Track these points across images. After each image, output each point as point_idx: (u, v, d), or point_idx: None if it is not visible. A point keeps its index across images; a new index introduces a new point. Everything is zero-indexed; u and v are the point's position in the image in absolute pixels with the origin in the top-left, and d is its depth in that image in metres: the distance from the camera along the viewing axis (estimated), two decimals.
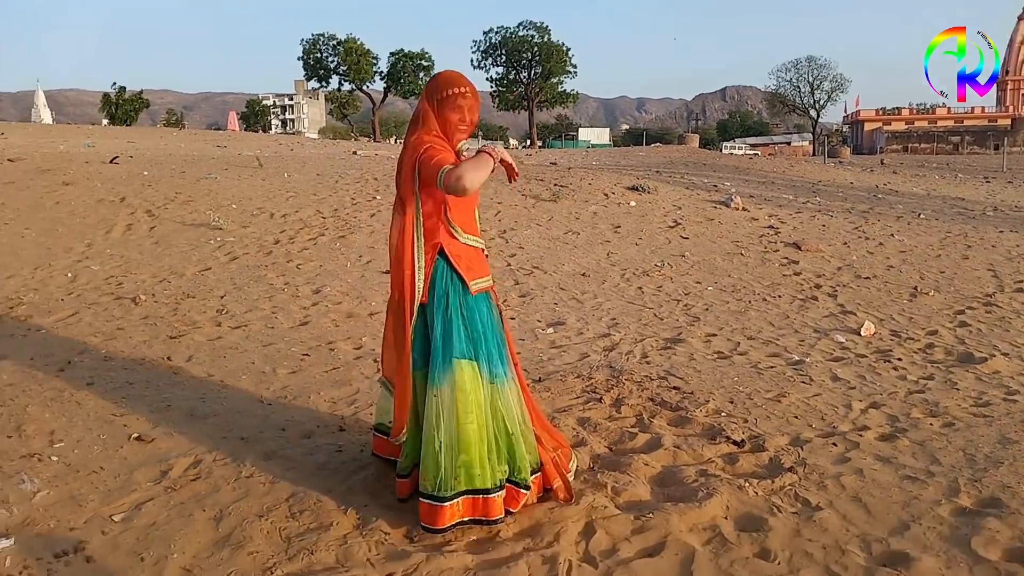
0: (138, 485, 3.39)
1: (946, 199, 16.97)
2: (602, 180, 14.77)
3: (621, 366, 5.30)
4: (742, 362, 5.52)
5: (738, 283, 8.41)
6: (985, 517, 3.09)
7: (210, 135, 41.52)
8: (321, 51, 69.63)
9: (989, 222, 13.22)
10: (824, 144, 53.80)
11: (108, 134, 33.56)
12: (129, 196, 11.17)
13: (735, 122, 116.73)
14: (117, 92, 73.67)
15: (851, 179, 20.91)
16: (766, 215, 12.76)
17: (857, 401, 4.62)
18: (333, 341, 5.90)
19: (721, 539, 2.95)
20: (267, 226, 10.18)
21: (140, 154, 18.00)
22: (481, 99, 3.16)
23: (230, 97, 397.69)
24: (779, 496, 3.31)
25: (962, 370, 5.38)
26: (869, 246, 10.65)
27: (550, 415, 4.25)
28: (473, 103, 3.06)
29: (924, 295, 7.91)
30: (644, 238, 10.73)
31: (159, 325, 6.17)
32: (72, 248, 8.84)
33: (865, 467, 3.60)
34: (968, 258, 10.01)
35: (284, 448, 3.78)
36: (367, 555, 2.86)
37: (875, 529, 3.03)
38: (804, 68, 79.02)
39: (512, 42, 71.15)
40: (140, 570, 2.78)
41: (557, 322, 6.69)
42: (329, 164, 17.11)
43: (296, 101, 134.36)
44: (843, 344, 6.07)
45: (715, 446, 3.87)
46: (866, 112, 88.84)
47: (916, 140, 77.77)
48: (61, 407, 4.21)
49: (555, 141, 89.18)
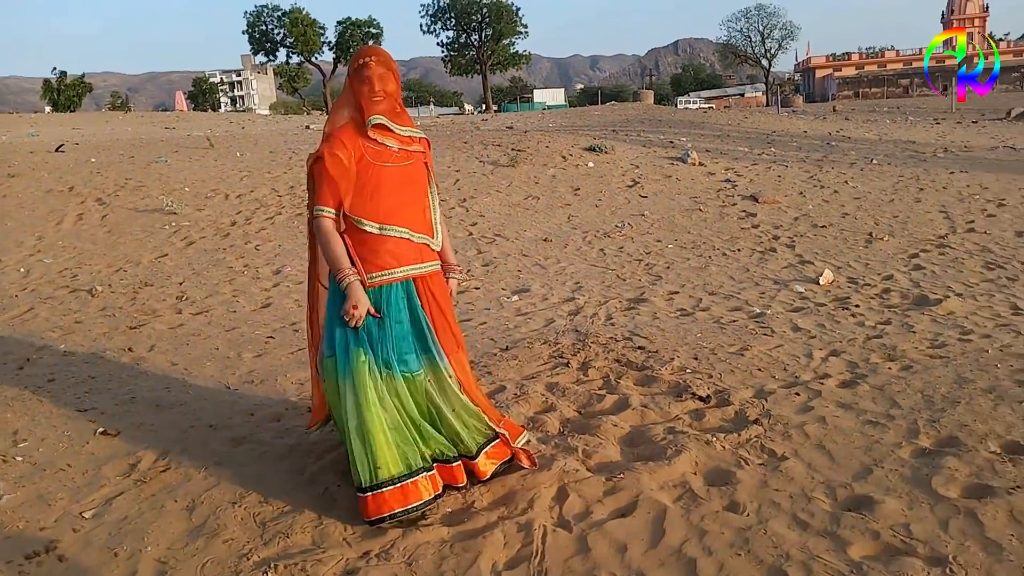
0: (107, 480, 3.36)
1: (897, 143, 17.21)
2: (559, 142, 14.74)
3: (587, 329, 5.34)
4: (704, 318, 5.59)
5: (698, 239, 8.48)
6: (944, 456, 3.19)
7: (158, 117, 40.59)
8: (266, 23, 68.03)
9: (940, 164, 13.45)
10: (777, 94, 54.09)
11: (52, 121, 32.62)
12: (78, 185, 10.91)
13: (688, 76, 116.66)
14: (58, 78, 71.45)
15: (804, 128, 21.10)
16: (723, 169, 12.85)
17: (818, 350, 4.71)
18: (297, 322, 5.85)
19: (691, 495, 3.01)
20: (222, 208, 10.03)
21: (86, 141, 17.56)
22: (433, 64, 3.10)
23: (176, 76, 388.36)
24: (746, 449, 3.38)
25: (918, 313, 5.51)
26: (824, 195, 10.79)
27: (518, 382, 4.28)
28: (383, 72, 2.97)
29: (879, 240, 8.05)
30: (604, 199, 10.75)
31: (118, 316, 6.07)
32: (23, 242, 8.64)
33: (827, 415, 3.69)
34: (920, 201, 10.19)
35: (254, 433, 3.76)
36: (343, 535, 2.88)
37: (839, 475, 3.11)
38: (754, 17, 79.04)
39: (460, 4, 70.12)
40: (114, 565, 2.76)
41: (522, 289, 6.70)
42: (282, 140, 16.85)
43: (244, 77, 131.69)
44: (802, 294, 6.17)
45: (681, 403, 3.93)
46: (816, 59, 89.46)
47: (867, 85, 78.55)
48: (23, 406, 4.14)
49: (510, 104, 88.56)
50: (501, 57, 72.63)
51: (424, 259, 3.10)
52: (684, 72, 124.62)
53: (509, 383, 4.28)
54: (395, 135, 3.03)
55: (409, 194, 3.07)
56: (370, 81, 2.95)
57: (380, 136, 3.00)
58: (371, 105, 2.96)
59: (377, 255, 2.99)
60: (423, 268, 3.09)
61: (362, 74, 2.97)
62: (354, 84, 2.99)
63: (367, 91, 2.96)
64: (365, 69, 2.96)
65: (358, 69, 2.98)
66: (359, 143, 2.98)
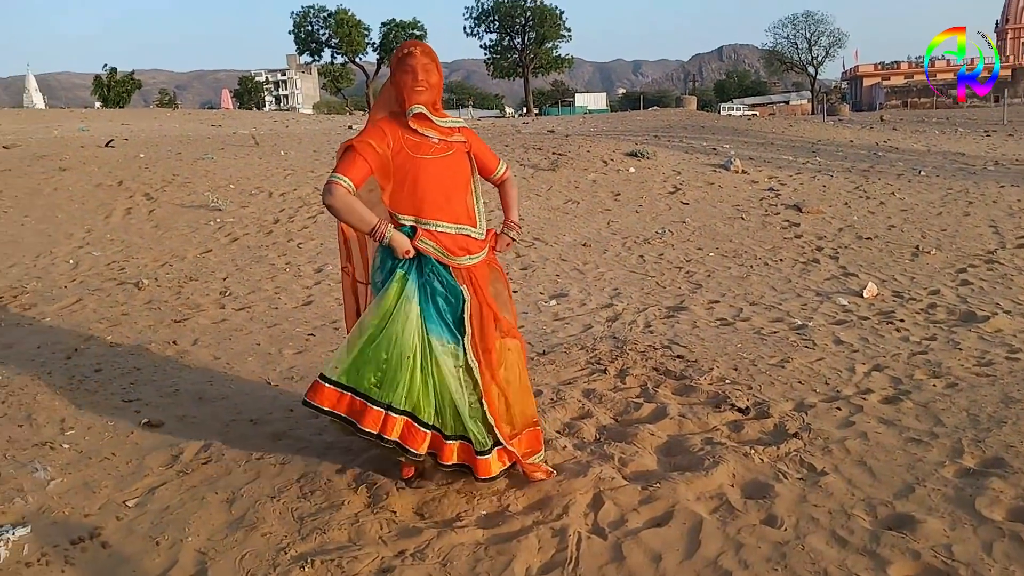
0: (150, 470, 3.43)
1: (946, 155, 16.89)
2: (600, 147, 14.70)
3: (625, 336, 5.32)
4: (745, 328, 5.54)
5: (739, 248, 8.41)
6: (989, 477, 3.13)
7: (204, 114, 41.29)
8: (312, 24, 68.97)
9: (990, 177, 13.17)
10: (823, 102, 53.38)
11: (102, 117, 33.37)
12: (127, 180, 11.14)
13: (732, 82, 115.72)
14: (109, 74, 72.99)
15: (851, 137, 20.79)
16: (766, 177, 12.72)
17: (860, 364, 4.64)
18: (337, 320, 5.91)
19: (728, 507, 2.99)
20: (266, 205, 10.17)
21: (135, 136, 17.94)
22: (476, 67, 3.12)
23: (222, 74, 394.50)
24: (784, 462, 3.34)
25: (965, 329, 5.40)
26: (870, 206, 10.63)
27: (555, 387, 4.28)
28: (426, 62, 2.97)
29: (926, 254, 7.91)
30: (644, 205, 10.71)
31: (163, 309, 6.19)
32: (72, 234, 8.84)
33: (869, 430, 3.63)
34: (969, 215, 9.99)
35: (293, 429, 3.81)
36: (379, 533, 2.90)
37: (880, 492, 3.07)
38: (801, 24, 78.17)
39: (504, 7, 70.36)
40: (155, 554, 2.82)
41: (560, 294, 6.70)
42: (325, 140, 17.04)
43: (289, 76, 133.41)
44: (846, 307, 6.08)
45: (720, 414, 3.90)
46: (864, 67, 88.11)
47: (916, 94, 77.11)
48: (70, 394, 4.24)
49: (552, 108, 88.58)
50: (544, 60, 72.71)
51: (469, 250, 3.07)
52: (728, 78, 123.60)
53: (546, 388, 4.28)
54: (436, 126, 3.02)
55: (450, 186, 3.06)
56: (413, 71, 2.95)
57: (420, 127, 3.00)
58: (413, 95, 2.96)
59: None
60: (463, 260, 3.06)
61: (405, 64, 2.97)
62: (396, 74, 3.00)
63: (410, 80, 2.96)
64: (409, 59, 2.97)
65: (401, 59, 2.99)
66: (399, 133, 2.98)
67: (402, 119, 3.00)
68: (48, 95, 71.93)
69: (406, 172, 2.97)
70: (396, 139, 2.97)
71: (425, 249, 2.98)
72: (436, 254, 3.00)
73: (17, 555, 2.78)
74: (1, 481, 3.28)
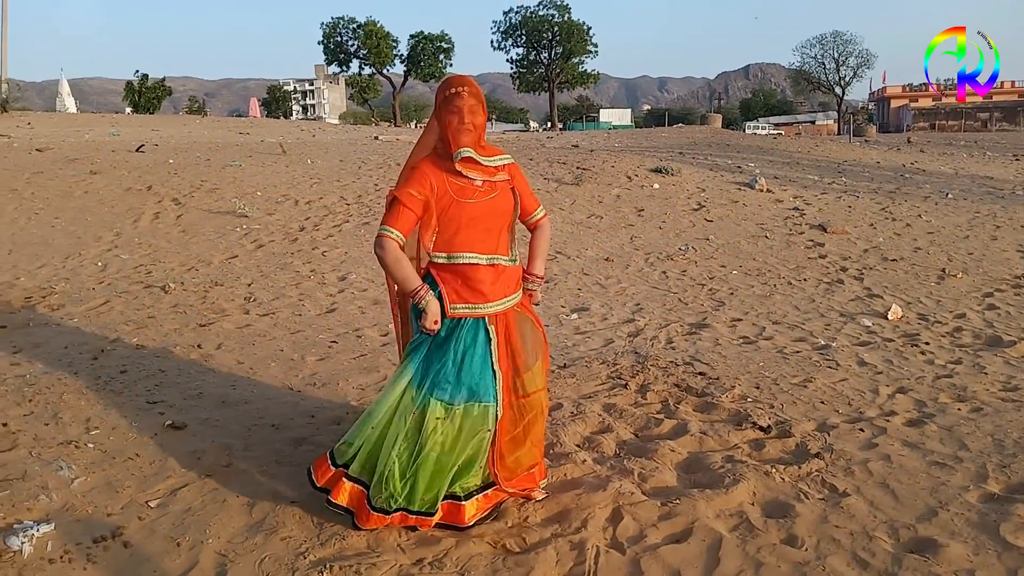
0: (173, 471, 3.46)
1: (974, 178, 16.73)
2: (624, 162, 14.71)
3: (646, 352, 5.31)
4: (768, 347, 5.51)
5: (763, 266, 8.37)
6: (1014, 503, 3.09)
7: (232, 122, 41.74)
8: (341, 35, 69.58)
9: (1019, 201, 13.03)
10: (850, 122, 53.07)
11: (132, 122, 33.83)
12: (156, 184, 11.29)
13: (758, 101, 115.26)
14: (140, 80, 74.02)
15: (877, 158, 20.65)
16: (791, 196, 12.66)
17: (884, 386, 4.60)
18: (360, 328, 5.95)
19: (748, 525, 2.97)
20: (292, 213, 10.26)
21: (164, 142, 18.17)
22: (501, 81, 3.10)
23: (251, 83, 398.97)
24: (806, 482, 3.32)
25: (990, 354, 5.34)
26: (896, 227, 10.54)
27: (575, 401, 4.28)
28: (473, 104, 2.88)
29: (952, 277, 7.83)
30: (668, 221, 10.69)
31: (189, 313, 6.26)
32: (101, 237, 8.97)
33: (892, 453, 3.60)
34: (997, 239, 9.88)
35: (314, 435, 3.84)
36: (397, 540, 2.91)
37: (902, 515, 3.04)
38: (829, 43, 77.62)
39: (532, 22, 70.66)
40: (176, 555, 2.84)
41: (581, 308, 6.70)
42: (351, 150, 17.17)
43: (316, 86, 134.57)
44: (870, 328, 6.04)
45: (741, 432, 3.88)
46: (892, 88, 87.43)
47: (943, 117, 76.49)
48: (96, 395, 4.29)
49: (576, 123, 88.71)
50: (570, 75, 72.86)
51: (504, 292, 2.99)
52: (754, 97, 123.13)
53: (566, 401, 4.28)
54: (481, 167, 2.94)
55: (491, 225, 2.98)
56: (460, 112, 2.87)
57: (466, 169, 2.92)
58: (459, 136, 2.88)
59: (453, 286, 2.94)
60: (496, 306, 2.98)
61: (452, 104, 2.87)
62: (443, 113, 2.90)
63: (456, 121, 2.87)
64: (456, 99, 2.87)
65: (448, 98, 2.89)
66: (442, 178, 2.91)
67: (447, 161, 2.92)
68: (80, 100, 72.95)
69: (450, 217, 2.91)
70: (440, 183, 2.90)
71: (457, 314, 2.94)
72: (468, 313, 2.95)
73: (41, 551, 2.82)
74: (27, 478, 3.33)
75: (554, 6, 70.87)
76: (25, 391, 4.29)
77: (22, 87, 42.34)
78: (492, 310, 2.96)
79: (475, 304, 2.94)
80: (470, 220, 2.92)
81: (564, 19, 70.47)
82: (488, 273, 2.96)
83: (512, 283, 3.04)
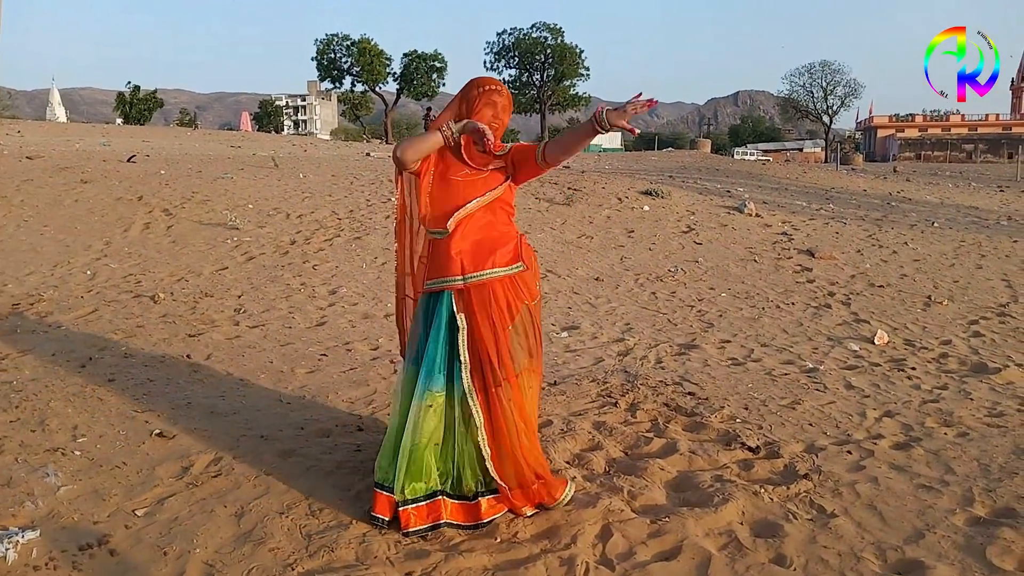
0: (160, 480, 3.44)
1: (960, 208, 16.91)
2: (615, 184, 14.80)
3: (636, 371, 5.32)
4: (756, 369, 5.54)
5: (752, 290, 8.42)
6: (1000, 527, 3.11)
7: (223, 135, 41.72)
8: (335, 52, 69.74)
9: (1003, 231, 13.18)
10: (837, 151, 53.54)
11: (123, 133, 33.77)
12: (147, 195, 11.26)
13: (747, 127, 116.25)
14: (132, 91, 73.94)
15: (864, 186, 20.84)
16: (779, 221, 12.76)
17: (871, 409, 4.64)
18: (350, 342, 5.95)
19: (737, 544, 2.98)
20: (283, 226, 10.25)
21: (156, 153, 18.14)
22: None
23: (243, 97, 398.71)
24: (794, 503, 3.33)
25: (976, 380, 5.39)
26: (883, 254, 10.64)
27: (565, 418, 4.28)
28: (505, 104, 3.13)
29: (938, 304, 7.91)
30: (658, 243, 10.75)
31: (178, 323, 6.23)
32: (91, 246, 8.93)
33: (880, 475, 3.62)
34: (982, 267, 9.99)
35: (303, 447, 3.82)
36: (386, 553, 2.90)
37: (890, 537, 3.05)
38: (818, 73, 78.50)
39: (525, 44, 71.12)
40: (163, 564, 2.82)
41: (571, 326, 6.72)
42: (343, 165, 17.19)
43: (309, 102, 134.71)
44: (857, 352, 6.08)
45: (730, 452, 3.89)
46: (879, 118, 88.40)
47: (929, 148, 77.32)
48: (83, 402, 4.27)
49: None
50: (561, 98, 73.28)
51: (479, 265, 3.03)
52: (743, 123, 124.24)
53: (556, 418, 4.29)
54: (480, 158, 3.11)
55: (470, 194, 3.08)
56: (495, 106, 3.09)
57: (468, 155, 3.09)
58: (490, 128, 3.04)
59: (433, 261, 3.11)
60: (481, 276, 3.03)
61: (491, 99, 3.09)
62: (478, 104, 3.07)
63: (490, 115, 3.07)
64: (495, 95, 3.11)
65: (487, 92, 3.11)
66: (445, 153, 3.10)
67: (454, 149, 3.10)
68: (70, 109, 72.72)
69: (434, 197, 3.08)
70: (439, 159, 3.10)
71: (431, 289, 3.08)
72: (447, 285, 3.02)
73: (26, 558, 2.79)
74: (12, 484, 3.30)
75: (547, 29, 71.44)
76: (12, 397, 4.26)
77: (12, 95, 42.19)
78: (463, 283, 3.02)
79: (439, 278, 3.06)
80: (454, 197, 3.05)
81: (557, 42, 71.00)
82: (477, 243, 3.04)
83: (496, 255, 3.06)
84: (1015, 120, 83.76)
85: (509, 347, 3.03)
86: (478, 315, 3.00)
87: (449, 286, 3.03)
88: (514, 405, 3.03)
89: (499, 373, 3.00)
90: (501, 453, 3.04)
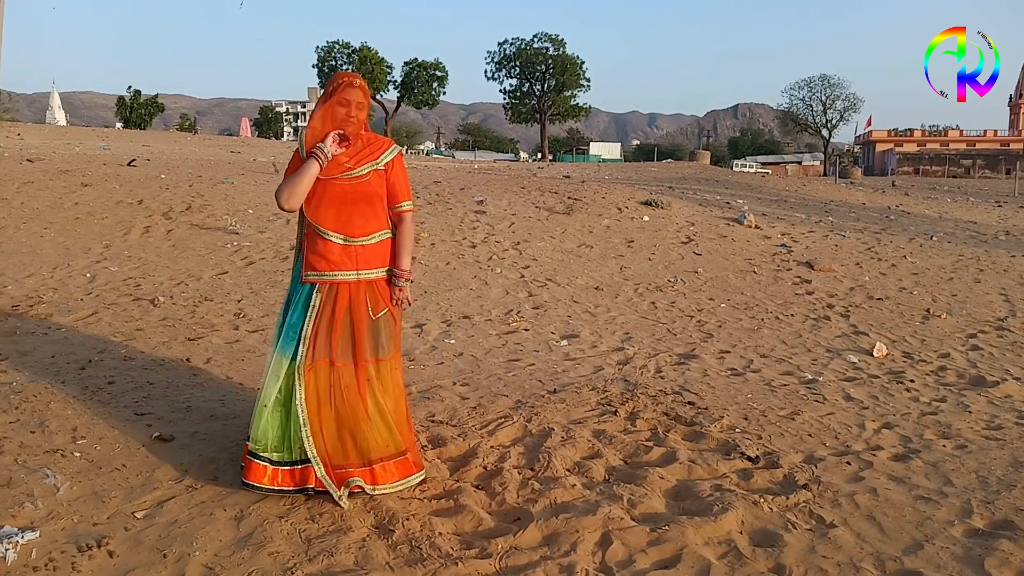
0: (160, 483, 3.44)
1: (958, 222, 16.96)
2: (615, 194, 14.82)
3: (635, 380, 5.33)
4: (755, 379, 5.55)
5: (751, 301, 8.44)
6: (998, 539, 3.12)
7: (223, 140, 41.82)
8: (336, 59, 69.95)
9: (1001, 246, 13.22)
10: (836, 164, 53.69)
11: (123, 137, 33.83)
12: (147, 199, 11.26)
13: (746, 140, 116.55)
14: (132, 96, 74.06)
15: (863, 199, 20.91)
16: (779, 233, 12.79)
17: (870, 421, 4.64)
18: None
19: (736, 553, 2.98)
20: (283, 232, 10.25)
21: (156, 157, 18.17)
22: (493, 111, 3.28)
23: (243, 103, 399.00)
24: (794, 512, 3.34)
25: (974, 393, 5.40)
26: (882, 267, 10.67)
27: (565, 426, 4.29)
28: (361, 97, 3.30)
29: (936, 317, 7.92)
30: (657, 253, 10.76)
31: (178, 327, 6.23)
32: (91, 249, 8.93)
33: (879, 486, 3.63)
34: (980, 282, 10.01)
35: None
36: (386, 559, 2.91)
37: (889, 547, 3.06)
38: (817, 86, 78.73)
39: (527, 54, 71.42)
40: (162, 566, 2.82)
41: (571, 335, 6.72)
42: None
43: (309, 109, 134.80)
44: (856, 364, 6.09)
45: (730, 461, 3.90)
46: (878, 133, 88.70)
47: (928, 162, 77.63)
48: (83, 405, 4.27)
49: (566, 155, 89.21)
50: (561, 108, 73.54)
51: (354, 266, 3.29)
52: (742, 135, 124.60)
53: (556, 426, 4.29)
54: (347, 154, 3.31)
55: (353, 209, 3.29)
56: (348, 105, 3.27)
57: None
58: (344, 126, 3.28)
59: (314, 254, 3.30)
60: (346, 275, 3.29)
61: (344, 96, 3.27)
62: (331, 103, 3.28)
63: (343, 113, 3.27)
64: (348, 89, 3.28)
65: (340, 88, 3.28)
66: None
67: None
68: (70, 113, 72.80)
69: (314, 191, 3.28)
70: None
71: (309, 280, 3.31)
72: (316, 279, 3.29)
73: (25, 559, 2.79)
74: (12, 485, 3.30)
75: (549, 40, 71.73)
76: (11, 399, 4.26)
77: (12, 98, 42.23)
78: (340, 278, 3.29)
79: (322, 272, 3.29)
80: (330, 197, 3.28)
81: (559, 52, 71.27)
82: (336, 248, 3.28)
83: (369, 260, 3.33)
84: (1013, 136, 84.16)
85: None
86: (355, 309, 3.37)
87: (329, 280, 3.34)
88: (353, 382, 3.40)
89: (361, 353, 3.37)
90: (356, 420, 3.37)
